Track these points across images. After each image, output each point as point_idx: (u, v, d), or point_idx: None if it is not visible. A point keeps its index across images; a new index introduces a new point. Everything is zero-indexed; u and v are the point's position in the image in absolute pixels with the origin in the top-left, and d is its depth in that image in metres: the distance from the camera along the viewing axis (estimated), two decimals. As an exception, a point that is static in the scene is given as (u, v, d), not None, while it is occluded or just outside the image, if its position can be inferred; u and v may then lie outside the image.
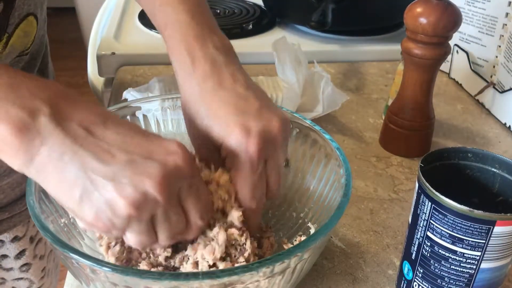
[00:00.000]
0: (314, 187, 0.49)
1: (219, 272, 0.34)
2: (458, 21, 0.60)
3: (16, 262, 0.67)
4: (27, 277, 0.70)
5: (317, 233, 0.38)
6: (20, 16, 0.53)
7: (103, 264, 0.34)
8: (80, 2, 2.43)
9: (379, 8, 0.97)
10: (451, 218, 0.38)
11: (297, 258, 0.37)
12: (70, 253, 0.35)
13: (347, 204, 0.42)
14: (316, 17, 0.91)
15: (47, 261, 0.73)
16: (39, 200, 0.40)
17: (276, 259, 0.35)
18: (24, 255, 0.68)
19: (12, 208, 0.63)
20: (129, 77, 0.83)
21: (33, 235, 0.68)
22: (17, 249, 0.67)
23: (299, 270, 0.39)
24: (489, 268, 0.40)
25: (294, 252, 0.36)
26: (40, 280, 0.72)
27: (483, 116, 0.79)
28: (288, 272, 0.38)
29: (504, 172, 0.42)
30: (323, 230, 0.38)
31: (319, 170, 0.49)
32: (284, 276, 0.38)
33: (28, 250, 0.68)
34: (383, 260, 0.51)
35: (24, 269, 0.69)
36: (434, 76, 0.64)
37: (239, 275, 0.34)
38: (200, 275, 0.34)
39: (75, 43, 2.90)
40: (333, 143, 0.47)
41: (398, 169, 0.65)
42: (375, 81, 0.89)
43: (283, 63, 0.70)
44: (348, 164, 0.45)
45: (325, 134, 0.48)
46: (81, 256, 0.34)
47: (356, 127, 0.74)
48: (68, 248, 0.35)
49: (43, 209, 0.40)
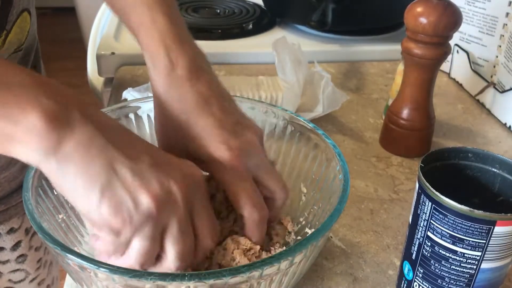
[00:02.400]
0: (312, 191, 0.49)
1: (207, 274, 0.34)
2: (458, 21, 0.60)
3: (12, 253, 0.68)
4: (23, 268, 0.70)
5: (300, 243, 0.37)
6: (17, 12, 0.54)
7: (94, 263, 0.34)
8: (80, 2, 2.43)
9: (379, 8, 0.97)
10: (451, 218, 0.38)
11: (288, 262, 0.36)
12: (62, 251, 0.35)
13: (341, 212, 0.41)
14: (316, 17, 0.91)
15: (43, 253, 0.73)
16: (36, 197, 0.40)
17: (266, 262, 0.35)
18: (20, 246, 0.68)
19: (8, 200, 0.64)
20: (128, 77, 0.83)
21: (28, 227, 0.69)
22: (13, 241, 0.67)
23: (290, 276, 0.39)
24: (490, 268, 0.39)
25: (282, 257, 0.36)
26: (36, 271, 0.73)
27: (484, 116, 0.79)
28: (279, 276, 0.37)
29: (504, 172, 0.42)
30: (312, 238, 0.38)
31: (320, 172, 0.49)
32: (277, 279, 0.38)
33: (23, 241, 0.68)
34: (383, 260, 0.51)
35: (20, 260, 0.69)
36: (434, 76, 0.64)
37: (227, 278, 0.34)
38: (187, 276, 0.33)
39: (75, 43, 2.90)
40: (333, 146, 0.47)
41: (398, 169, 0.65)
42: (375, 81, 0.89)
43: (283, 63, 0.70)
44: (347, 170, 0.45)
45: (327, 140, 0.48)
46: (71, 253, 0.34)
47: (356, 127, 0.74)
48: (59, 245, 0.35)
49: (38, 208, 0.39)
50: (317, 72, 0.72)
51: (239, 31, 1.00)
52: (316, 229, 0.38)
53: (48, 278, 0.76)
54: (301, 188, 0.50)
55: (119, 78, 0.83)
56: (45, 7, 3.58)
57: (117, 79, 0.83)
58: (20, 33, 0.56)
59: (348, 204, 0.58)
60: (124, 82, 0.81)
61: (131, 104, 0.52)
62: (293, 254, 0.36)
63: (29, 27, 0.58)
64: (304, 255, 0.38)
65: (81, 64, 1.43)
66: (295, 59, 0.70)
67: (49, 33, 3.31)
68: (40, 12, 3.14)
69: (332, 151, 0.47)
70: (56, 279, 0.80)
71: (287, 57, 0.70)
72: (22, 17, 0.55)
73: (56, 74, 2.80)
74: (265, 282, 0.37)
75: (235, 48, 0.94)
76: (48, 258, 0.75)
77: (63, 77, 2.80)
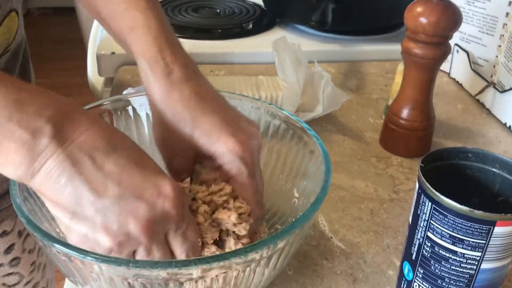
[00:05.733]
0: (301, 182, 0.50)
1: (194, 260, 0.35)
2: (458, 21, 0.60)
3: (5, 257, 0.68)
4: (17, 271, 0.70)
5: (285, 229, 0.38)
6: (4, 13, 0.54)
7: (86, 254, 0.34)
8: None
9: (379, 8, 0.97)
10: (451, 218, 0.38)
11: (269, 250, 0.37)
12: (49, 241, 0.35)
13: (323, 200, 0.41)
14: (316, 16, 0.91)
15: (36, 255, 0.73)
16: (23, 191, 0.40)
17: (253, 248, 0.36)
18: (13, 249, 0.68)
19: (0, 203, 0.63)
20: (129, 76, 0.83)
21: (21, 229, 0.68)
22: (6, 244, 0.67)
23: (273, 264, 0.39)
24: (490, 269, 0.39)
25: (264, 245, 0.36)
26: (30, 274, 0.72)
27: (483, 116, 0.79)
28: (263, 263, 0.38)
29: (504, 172, 0.42)
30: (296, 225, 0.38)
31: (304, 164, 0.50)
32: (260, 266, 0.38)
33: (16, 244, 0.68)
34: (383, 261, 0.51)
35: (13, 263, 0.69)
36: (434, 76, 0.64)
37: (211, 264, 0.35)
38: (174, 263, 0.34)
39: (75, 43, 2.90)
40: (317, 140, 0.48)
41: (398, 169, 0.65)
42: (375, 81, 0.89)
43: (283, 63, 0.70)
44: (329, 163, 0.45)
45: (310, 131, 0.49)
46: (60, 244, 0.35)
47: (356, 127, 0.74)
48: (46, 236, 0.35)
49: (26, 203, 0.40)
50: (317, 72, 0.72)
51: (239, 31, 1.00)
52: (298, 217, 0.39)
53: (42, 280, 0.76)
54: (293, 193, 0.50)
55: (119, 78, 0.83)
56: (45, 7, 3.58)
57: (117, 79, 0.83)
58: (7, 33, 0.56)
59: (348, 204, 0.58)
60: (124, 82, 0.81)
61: (127, 98, 0.53)
62: (275, 241, 0.37)
63: (17, 27, 0.58)
64: (286, 241, 0.38)
65: (81, 64, 1.43)
66: (295, 59, 0.70)
67: (49, 33, 3.31)
68: (40, 12, 3.16)
69: (315, 142, 0.48)
70: (51, 281, 0.80)
71: (287, 57, 0.70)
72: (10, 18, 0.55)
73: (56, 74, 2.80)
74: (249, 268, 0.37)
75: (235, 48, 0.94)
76: (42, 260, 0.75)
77: (63, 77, 2.80)
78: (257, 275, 0.39)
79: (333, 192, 0.60)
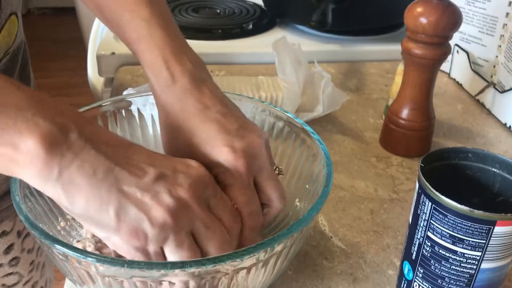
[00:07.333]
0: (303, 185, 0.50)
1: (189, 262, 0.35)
2: (458, 21, 0.60)
3: (5, 257, 0.68)
4: (16, 271, 0.70)
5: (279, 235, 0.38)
6: (5, 17, 0.54)
7: (87, 254, 0.34)
8: (80, 2, 2.42)
9: (379, 8, 0.97)
10: (451, 218, 0.38)
11: (266, 253, 0.37)
12: (46, 239, 0.35)
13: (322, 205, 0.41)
14: (316, 17, 0.91)
15: (35, 255, 0.73)
16: (23, 188, 0.40)
17: (249, 250, 0.36)
18: (12, 249, 0.68)
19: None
20: (129, 77, 0.83)
21: (20, 229, 0.68)
22: (6, 244, 0.67)
23: (271, 265, 0.39)
24: (490, 268, 0.39)
25: (261, 248, 0.36)
26: (29, 274, 0.72)
27: (484, 116, 0.79)
28: (259, 267, 0.38)
29: (504, 172, 0.42)
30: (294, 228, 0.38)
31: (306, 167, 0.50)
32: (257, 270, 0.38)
33: (16, 244, 0.68)
34: (383, 260, 0.51)
35: (13, 263, 0.69)
36: (434, 76, 0.64)
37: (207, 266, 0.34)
38: (169, 265, 0.34)
39: (75, 43, 2.90)
40: (320, 144, 0.48)
41: (398, 169, 0.65)
42: (375, 81, 0.89)
43: (283, 63, 0.70)
44: (331, 168, 0.45)
45: (314, 135, 0.49)
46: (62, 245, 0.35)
47: (356, 127, 0.74)
48: (44, 234, 0.35)
49: (26, 200, 0.40)
50: (317, 72, 0.72)
51: (239, 31, 1.00)
52: (299, 219, 0.39)
53: (41, 280, 0.76)
54: (296, 196, 0.50)
55: (119, 78, 0.83)
56: (45, 7, 3.58)
57: (117, 79, 0.83)
58: (8, 36, 0.56)
59: (348, 204, 0.58)
60: (124, 82, 0.81)
61: (128, 98, 0.53)
62: (272, 244, 0.37)
63: (17, 30, 0.58)
64: (284, 245, 0.38)
65: (81, 64, 1.43)
66: (295, 59, 0.70)
67: (49, 33, 3.31)
68: (40, 12, 3.17)
69: (318, 146, 0.47)
70: (50, 281, 0.80)
71: (287, 57, 0.70)
72: (10, 21, 0.55)
73: (56, 74, 2.80)
74: (246, 272, 0.37)
75: (235, 48, 0.94)
76: (41, 260, 0.75)
77: (63, 77, 2.80)
78: (256, 278, 0.39)
79: (333, 192, 0.60)
